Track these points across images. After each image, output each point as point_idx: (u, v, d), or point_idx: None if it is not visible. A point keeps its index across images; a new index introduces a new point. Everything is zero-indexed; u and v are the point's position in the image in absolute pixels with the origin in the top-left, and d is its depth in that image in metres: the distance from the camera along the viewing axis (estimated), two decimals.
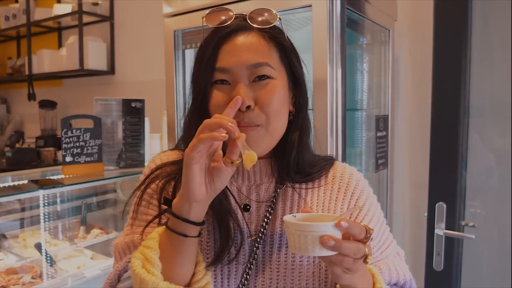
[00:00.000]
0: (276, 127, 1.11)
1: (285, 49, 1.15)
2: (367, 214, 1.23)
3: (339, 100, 1.98)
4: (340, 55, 1.96)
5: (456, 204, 2.08)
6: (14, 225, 2.69)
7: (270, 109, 1.07)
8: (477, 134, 2.15)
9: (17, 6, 4.99)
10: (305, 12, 2.04)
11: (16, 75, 5.29)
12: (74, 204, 2.91)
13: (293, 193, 1.21)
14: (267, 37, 1.12)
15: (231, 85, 1.09)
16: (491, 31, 2.19)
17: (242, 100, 1.02)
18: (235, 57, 1.09)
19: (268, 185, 1.21)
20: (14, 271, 2.31)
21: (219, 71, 1.10)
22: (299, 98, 1.19)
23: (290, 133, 1.18)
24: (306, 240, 0.90)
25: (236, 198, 1.18)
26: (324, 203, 1.21)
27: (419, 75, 2.76)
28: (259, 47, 1.10)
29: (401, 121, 2.84)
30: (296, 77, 1.18)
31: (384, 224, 1.29)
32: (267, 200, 1.20)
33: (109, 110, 2.62)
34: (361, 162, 2.60)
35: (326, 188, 1.23)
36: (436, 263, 2.12)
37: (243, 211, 1.19)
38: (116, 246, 1.21)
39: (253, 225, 1.18)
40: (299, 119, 1.19)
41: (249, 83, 1.08)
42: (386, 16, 2.59)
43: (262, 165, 1.21)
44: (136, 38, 4.28)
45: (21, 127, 5.64)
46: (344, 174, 1.26)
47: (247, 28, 1.12)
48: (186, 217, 0.96)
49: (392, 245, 1.30)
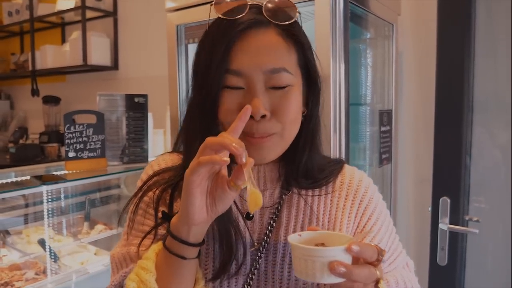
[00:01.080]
0: (291, 133, 1.05)
1: (303, 47, 1.04)
2: (375, 223, 1.15)
3: (343, 95, 1.97)
4: (343, 50, 1.95)
5: (460, 198, 2.08)
6: (18, 221, 2.69)
7: (286, 118, 1.00)
8: (481, 128, 2.15)
9: (20, 1, 4.99)
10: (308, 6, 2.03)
11: (20, 71, 5.30)
12: (77, 200, 2.91)
13: (299, 200, 1.13)
14: (285, 35, 1.01)
15: (245, 90, 0.99)
16: (495, 25, 2.18)
17: (257, 110, 0.95)
18: (251, 59, 0.98)
19: (273, 191, 1.14)
20: (17, 267, 2.32)
21: (232, 74, 0.98)
22: (313, 98, 1.10)
23: (302, 136, 1.10)
24: (314, 266, 0.83)
25: (238, 206, 1.12)
26: (331, 211, 1.13)
27: (423, 70, 2.75)
28: (277, 49, 0.99)
29: (405, 115, 2.83)
30: (312, 77, 1.08)
31: (393, 234, 1.21)
32: (271, 207, 1.13)
33: (113, 106, 2.61)
34: (365, 157, 2.59)
35: (334, 196, 1.15)
36: (440, 258, 2.12)
37: (245, 219, 1.11)
38: (112, 257, 1.15)
39: (256, 233, 1.11)
40: (312, 121, 1.11)
41: (266, 88, 0.99)
42: (390, 10, 2.58)
43: (268, 170, 1.14)
44: (140, 33, 4.28)
45: (24, 123, 5.65)
46: (352, 180, 1.18)
47: (264, 24, 1.00)
48: (185, 239, 0.90)
49: (401, 256, 1.22)
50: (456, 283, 2.14)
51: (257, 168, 1.14)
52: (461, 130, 2.07)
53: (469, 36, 2.07)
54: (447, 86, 2.10)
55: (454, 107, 2.08)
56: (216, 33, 1.01)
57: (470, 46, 2.07)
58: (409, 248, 2.85)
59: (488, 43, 2.16)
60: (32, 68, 4.85)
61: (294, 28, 1.03)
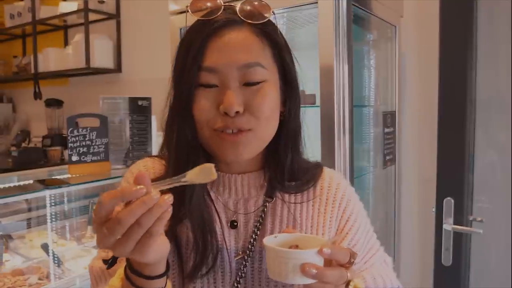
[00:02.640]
0: (267, 131, 1.04)
1: (278, 46, 1.05)
2: (353, 224, 1.16)
3: (346, 97, 1.97)
4: (346, 52, 1.95)
5: (464, 199, 2.08)
6: (21, 226, 2.69)
7: (261, 113, 1.00)
8: (484, 129, 2.14)
9: (22, 4, 4.98)
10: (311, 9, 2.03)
11: (22, 73, 5.29)
12: (81, 204, 2.91)
13: (282, 207, 1.13)
14: (259, 33, 1.02)
15: (219, 88, 1.00)
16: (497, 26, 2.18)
17: (231, 105, 0.96)
18: (225, 56, 0.99)
19: (257, 199, 1.13)
20: (20, 272, 2.31)
21: (206, 71, 0.99)
22: (291, 98, 1.10)
23: (282, 137, 1.10)
24: (287, 267, 0.86)
25: (221, 215, 1.11)
26: (313, 217, 1.14)
27: (425, 71, 2.75)
28: (251, 45, 1.01)
29: (408, 117, 2.83)
30: (288, 76, 1.08)
31: (370, 232, 1.24)
32: (256, 215, 1.12)
33: (116, 109, 2.61)
34: (369, 158, 2.59)
35: (315, 202, 1.16)
36: (445, 259, 2.11)
37: (230, 228, 1.11)
38: (91, 269, 1.15)
39: (241, 241, 1.11)
40: (291, 121, 1.10)
41: (240, 85, 0.99)
42: (393, 12, 2.58)
43: (252, 177, 1.14)
44: (143, 36, 4.27)
45: (27, 126, 5.64)
46: (331, 184, 1.19)
47: (238, 23, 1.01)
48: (147, 274, 0.86)
49: (378, 254, 1.23)
50: (461, 284, 2.14)
51: (241, 176, 1.13)
52: (464, 131, 2.06)
53: (471, 37, 2.07)
54: (450, 87, 2.09)
55: (457, 107, 2.08)
56: (192, 33, 1.03)
57: (472, 46, 2.07)
58: (414, 248, 2.85)
59: (490, 44, 2.15)
60: (35, 71, 4.84)
61: (268, 27, 1.04)
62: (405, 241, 2.89)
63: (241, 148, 1.01)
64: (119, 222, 0.73)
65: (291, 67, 1.09)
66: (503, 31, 2.15)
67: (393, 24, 2.61)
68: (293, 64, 1.10)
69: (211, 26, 1.00)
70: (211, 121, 1.00)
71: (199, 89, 1.00)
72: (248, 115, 0.99)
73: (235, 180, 1.13)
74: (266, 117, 1.01)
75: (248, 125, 1.00)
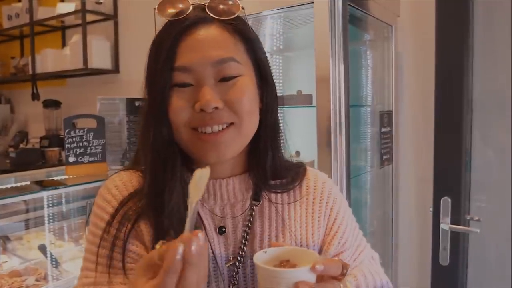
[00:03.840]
0: (249, 126, 1.03)
1: (251, 41, 1.05)
2: (341, 223, 1.17)
3: (342, 96, 1.97)
4: (342, 52, 1.96)
5: (461, 198, 2.08)
6: (18, 227, 2.69)
7: (241, 107, 0.98)
8: (481, 128, 2.15)
9: (20, 5, 4.98)
10: (307, 9, 2.03)
11: (20, 74, 5.28)
12: (78, 205, 2.91)
13: (270, 209, 1.12)
14: (230, 30, 1.01)
15: (194, 86, 0.98)
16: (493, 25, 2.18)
17: (207, 100, 0.94)
18: (197, 53, 0.97)
19: (244, 203, 1.11)
20: (17, 274, 2.30)
21: (180, 71, 0.98)
22: (267, 93, 1.08)
23: (261, 134, 1.09)
24: (279, 287, 0.84)
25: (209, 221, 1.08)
26: (301, 217, 1.14)
27: (422, 71, 2.75)
28: (223, 41, 1.00)
29: (405, 116, 2.83)
30: (263, 71, 1.07)
31: (356, 230, 1.25)
32: (244, 219, 1.10)
33: (113, 109, 2.61)
34: (366, 158, 2.60)
35: (302, 202, 1.16)
36: (442, 258, 2.11)
37: (218, 234, 1.08)
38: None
39: (230, 248, 1.08)
40: (269, 118, 1.09)
41: (215, 82, 0.98)
42: (389, 12, 2.58)
43: (237, 182, 1.11)
44: (140, 36, 4.25)
45: (25, 127, 5.63)
46: (317, 183, 1.19)
47: (208, 20, 1.00)
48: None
49: (366, 250, 1.25)
50: (458, 283, 2.14)
51: (225, 181, 1.10)
52: (461, 130, 2.07)
53: (467, 37, 2.07)
54: (447, 87, 2.09)
55: (454, 107, 2.08)
56: (162, 34, 1.03)
57: (468, 46, 2.07)
58: (411, 248, 2.85)
59: (487, 43, 2.16)
60: (32, 72, 4.84)
61: (238, 23, 1.03)
62: (403, 240, 2.89)
63: (222, 147, 0.99)
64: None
65: (265, 62, 1.08)
66: (500, 30, 2.16)
67: (390, 24, 2.61)
68: (266, 59, 1.09)
69: (181, 25, 0.99)
70: (188, 121, 0.99)
71: (173, 90, 0.99)
72: (228, 110, 0.98)
73: (220, 185, 1.10)
74: (247, 111, 1.00)
75: (228, 119, 0.98)
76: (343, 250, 1.14)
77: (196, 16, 1.00)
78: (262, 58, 1.07)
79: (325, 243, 1.11)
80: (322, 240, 1.13)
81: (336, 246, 1.11)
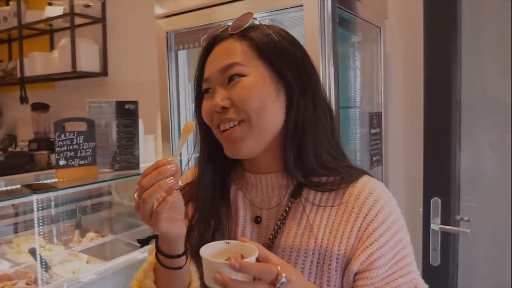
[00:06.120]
0: (262, 123, 1.10)
1: (262, 45, 1.13)
2: (377, 240, 1.08)
3: (332, 98, 1.98)
4: (332, 53, 1.96)
5: (451, 198, 2.09)
6: (8, 230, 2.68)
7: (247, 105, 1.08)
8: (470, 128, 2.16)
9: (8, 8, 4.96)
10: (296, 12, 2.04)
11: (8, 78, 5.26)
12: (68, 208, 2.90)
13: (302, 213, 1.15)
14: (241, 39, 1.14)
15: (213, 92, 1.14)
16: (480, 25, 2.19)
17: (216, 103, 1.10)
18: (212, 65, 1.15)
19: (280, 198, 1.19)
20: (8, 278, 2.29)
21: (204, 82, 1.17)
22: (288, 90, 1.13)
23: (287, 132, 1.14)
24: (210, 275, 0.89)
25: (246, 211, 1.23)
26: (333, 224, 1.12)
27: (410, 72, 2.76)
28: (231, 50, 1.13)
29: (394, 117, 2.84)
30: (278, 70, 1.13)
31: (403, 252, 1.12)
32: (278, 213, 1.19)
33: (103, 112, 2.60)
34: (356, 159, 2.60)
35: (339, 208, 1.14)
36: (433, 258, 2.12)
37: (254, 223, 1.21)
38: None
39: (262, 238, 1.19)
40: (293, 111, 1.13)
41: (225, 86, 1.12)
42: (377, 14, 2.59)
43: (274, 178, 1.20)
44: (129, 40, 4.27)
45: (13, 131, 5.62)
46: (362, 192, 1.14)
47: (225, 37, 1.16)
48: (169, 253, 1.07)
49: (409, 277, 1.10)
50: (449, 283, 2.15)
51: (264, 176, 1.21)
52: (450, 130, 2.08)
53: (455, 36, 2.09)
54: (435, 87, 2.11)
55: (443, 107, 2.09)
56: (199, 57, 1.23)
57: (456, 46, 2.09)
58: None
59: (474, 43, 2.17)
60: (21, 75, 4.82)
61: (250, 31, 1.15)
62: None
63: (238, 143, 1.11)
64: (141, 187, 0.95)
65: (280, 64, 1.13)
66: (487, 31, 2.17)
67: (378, 26, 2.62)
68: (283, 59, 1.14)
69: (206, 46, 1.19)
70: (213, 122, 1.15)
71: (203, 96, 1.18)
72: (235, 109, 1.09)
73: (259, 179, 1.22)
74: (254, 108, 1.08)
75: (237, 116, 1.10)
76: (372, 268, 1.07)
77: (218, 36, 1.18)
78: (275, 60, 1.13)
79: (354, 256, 1.08)
80: (353, 252, 1.09)
81: (362, 261, 1.07)
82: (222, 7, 2.16)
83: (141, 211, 0.96)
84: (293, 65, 1.14)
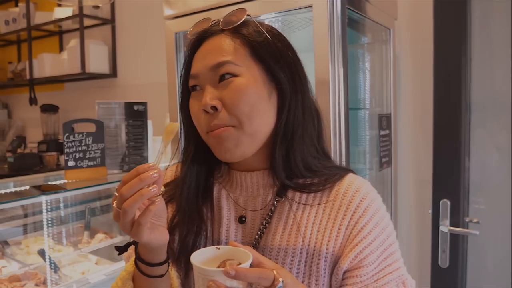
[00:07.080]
0: (255, 127, 1.06)
1: (255, 45, 1.09)
2: (365, 237, 1.08)
3: (342, 100, 1.97)
4: (341, 55, 1.95)
5: (460, 200, 2.08)
6: (17, 232, 2.68)
7: (239, 110, 1.04)
8: (479, 130, 2.15)
9: (17, 10, 4.99)
10: (306, 13, 2.03)
11: (17, 79, 5.28)
12: (77, 209, 2.90)
13: (290, 208, 1.14)
14: (233, 36, 1.09)
15: (202, 90, 1.09)
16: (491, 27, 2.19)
17: (205, 102, 1.04)
18: (201, 62, 1.09)
19: (265, 197, 1.17)
20: (17, 279, 2.30)
21: (192, 78, 1.11)
22: (280, 93, 1.11)
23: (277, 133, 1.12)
24: (203, 283, 0.86)
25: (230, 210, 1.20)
26: (321, 222, 1.11)
27: (420, 73, 2.75)
28: (222, 47, 1.08)
29: (404, 119, 2.83)
30: (274, 73, 1.10)
31: (390, 249, 1.12)
32: (263, 212, 1.16)
33: (112, 114, 2.61)
34: (365, 161, 2.60)
35: (327, 206, 1.13)
36: (442, 260, 2.12)
37: (238, 223, 1.18)
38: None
39: (247, 238, 1.16)
40: (285, 112, 1.10)
41: (216, 84, 1.07)
42: (387, 15, 2.59)
43: (260, 176, 1.17)
44: (138, 41, 4.27)
45: (23, 132, 5.64)
46: (349, 189, 1.13)
47: (217, 32, 1.11)
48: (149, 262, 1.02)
49: (397, 273, 1.10)
50: (458, 285, 2.14)
51: (250, 174, 1.18)
52: (460, 132, 2.07)
53: (465, 38, 2.08)
54: (445, 89, 2.10)
55: (452, 109, 2.08)
56: (186, 51, 1.18)
57: (466, 47, 2.08)
58: (411, 250, 2.85)
59: (484, 44, 2.16)
60: (30, 77, 4.85)
61: (243, 28, 1.11)
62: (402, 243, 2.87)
63: (227, 143, 1.06)
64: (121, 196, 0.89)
65: (274, 65, 1.10)
66: (497, 32, 2.16)
67: (388, 27, 2.61)
68: (276, 59, 1.11)
69: (194, 40, 1.14)
70: (202, 125, 1.09)
71: (191, 95, 1.13)
72: (227, 113, 1.05)
73: (244, 177, 1.19)
74: (246, 114, 1.05)
75: (229, 122, 1.05)
76: (361, 265, 1.06)
77: (205, 30, 1.13)
78: (268, 60, 1.09)
79: (342, 254, 1.07)
80: (341, 250, 1.09)
81: (351, 259, 1.06)
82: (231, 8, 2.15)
83: (121, 221, 0.90)
84: (286, 67, 1.12)
